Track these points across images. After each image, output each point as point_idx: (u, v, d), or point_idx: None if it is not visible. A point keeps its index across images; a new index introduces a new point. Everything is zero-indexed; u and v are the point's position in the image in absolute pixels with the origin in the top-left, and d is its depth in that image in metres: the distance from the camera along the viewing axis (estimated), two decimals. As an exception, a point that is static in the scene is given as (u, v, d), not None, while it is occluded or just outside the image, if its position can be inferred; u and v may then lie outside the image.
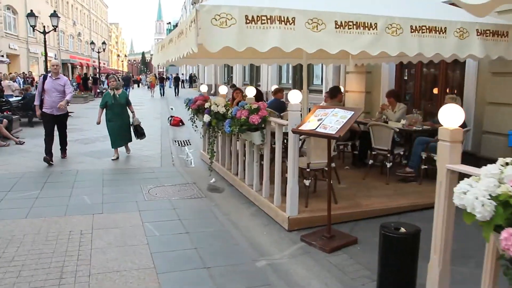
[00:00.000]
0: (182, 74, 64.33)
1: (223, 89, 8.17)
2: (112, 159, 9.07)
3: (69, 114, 18.00)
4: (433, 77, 9.21)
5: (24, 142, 10.91)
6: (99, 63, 44.48)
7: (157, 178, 7.57)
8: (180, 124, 14.83)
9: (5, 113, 12.63)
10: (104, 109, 9.16)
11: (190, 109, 8.52)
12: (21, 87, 18.92)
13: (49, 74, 8.93)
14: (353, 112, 4.52)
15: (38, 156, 9.17)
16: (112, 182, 7.33)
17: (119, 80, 9.56)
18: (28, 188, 6.79)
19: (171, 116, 15.30)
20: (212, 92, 33.20)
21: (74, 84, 37.36)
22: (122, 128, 9.30)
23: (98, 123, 9.19)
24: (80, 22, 62.72)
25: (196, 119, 8.57)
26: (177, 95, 36.16)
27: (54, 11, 21.34)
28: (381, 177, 7.15)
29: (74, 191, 6.67)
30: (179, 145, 11.24)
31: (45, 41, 19.74)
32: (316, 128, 4.52)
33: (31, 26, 19.39)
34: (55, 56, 48.97)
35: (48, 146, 8.61)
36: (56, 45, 49.76)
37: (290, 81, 17.38)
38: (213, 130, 7.30)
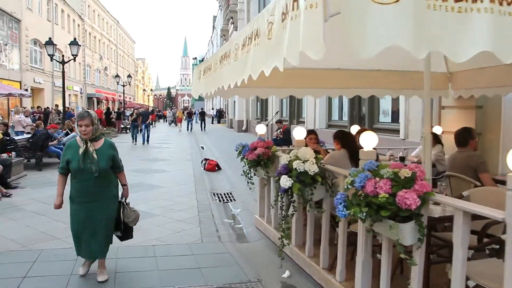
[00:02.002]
0: (212, 108, 62.31)
1: (300, 133, 5.40)
2: (81, 275, 4.59)
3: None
4: None
5: (11, 195, 8.40)
6: (124, 96, 42.84)
7: (199, 269, 4.88)
8: (216, 168, 12.24)
9: (6, 154, 10.29)
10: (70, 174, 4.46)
11: (246, 160, 5.91)
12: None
13: None
14: None
15: (32, 220, 6.68)
16: (131, 276, 4.68)
17: (97, 123, 4.46)
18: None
19: (205, 159, 12.72)
20: (243, 129, 30.92)
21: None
22: (97, 222, 4.43)
23: (57, 206, 4.49)
24: (107, 57, 62.16)
25: (254, 174, 5.95)
26: (204, 129, 35.20)
27: (74, 38, 19.42)
28: None
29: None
30: (220, 200, 8.60)
31: (63, 72, 17.69)
32: None
33: (48, 55, 17.44)
34: (81, 90, 47.95)
35: None
36: (82, 79, 48.76)
37: (346, 117, 14.60)
38: (288, 198, 4.61)
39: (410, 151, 7.94)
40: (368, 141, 3.69)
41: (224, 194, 9.16)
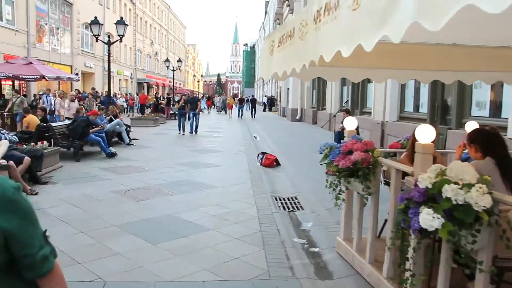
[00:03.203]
0: (265, 96, 60.35)
1: (427, 133, 3.43)
2: None
3: (131, 142, 14.57)
4: None
5: (37, 193, 7.12)
6: (173, 82, 42.00)
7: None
8: (275, 164, 10.64)
9: (40, 143, 9.10)
10: None
11: (333, 167, 4.23)
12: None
13: None
14: None
15: (53, 231, 5.27)
16: None
17: None
18: None
19: (263, 153, 11.12)
20: (297, 118, 29.19)
21: (136, 106, 34.48)
22: None
23: None
24: (158, 42, 61.73)
25: (346, 188, 4.29)
26: (254, 116, 34.22)
27: (121, 17, 18.27)
28: None
29: None
30: (284, 208, 6.99)
31: (109, 54, 16.56)
32: None
33: (94, 35, 16.38)
34: (131, 75, 47.64)
35: None
36: (132, 64, 48.42)
37: (424, 109, 12.53)
38: (419, 240, 2.90)
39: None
40: None
41: (288, 199, 7.54)
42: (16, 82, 22.42)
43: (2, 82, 22.41)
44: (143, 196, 7.22)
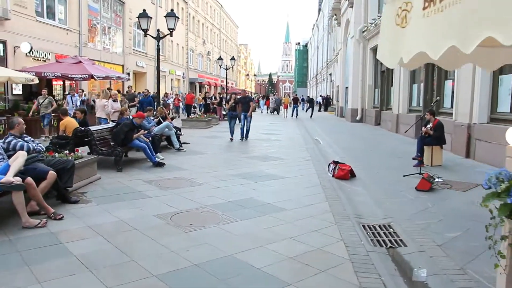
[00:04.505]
0: (321, 96, 57.92)
1: None
2: None
3: (181, 147, 13.09)
4: None
5: (62, 217, 5.66)
6: (226, 80, 40.74)
7: None
8: (350, 176, 8.80)
9: (76, 152, 7.74)
10: None
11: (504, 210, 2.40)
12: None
13: None
14: None
15: (67, 283, 3.74)
16: None
17: None
18: None
19: (335, 163, 9.26)
20: (357, 119, 27.09)
21: (182, 105, 33.17)
22: None
23: None
24: (210, 41, 60.98)
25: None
26: (311, 116, 32.89)
27: (172, 10, 16.98)
28: None
29: None
30: (380, 243, 5.15)
31: (158, 49, 15.29)
32: None
33: (142, 30, 15.18)
34: (183, 74, 46.99)
35: None
36: (185, 64, 47.75)
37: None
38: None
39: None
40: None
41: (380, 227, 5.70)
42: (67, 82, 21.78)
43: (53, 82, 21.83)
44: (194, 223, 5.60)
